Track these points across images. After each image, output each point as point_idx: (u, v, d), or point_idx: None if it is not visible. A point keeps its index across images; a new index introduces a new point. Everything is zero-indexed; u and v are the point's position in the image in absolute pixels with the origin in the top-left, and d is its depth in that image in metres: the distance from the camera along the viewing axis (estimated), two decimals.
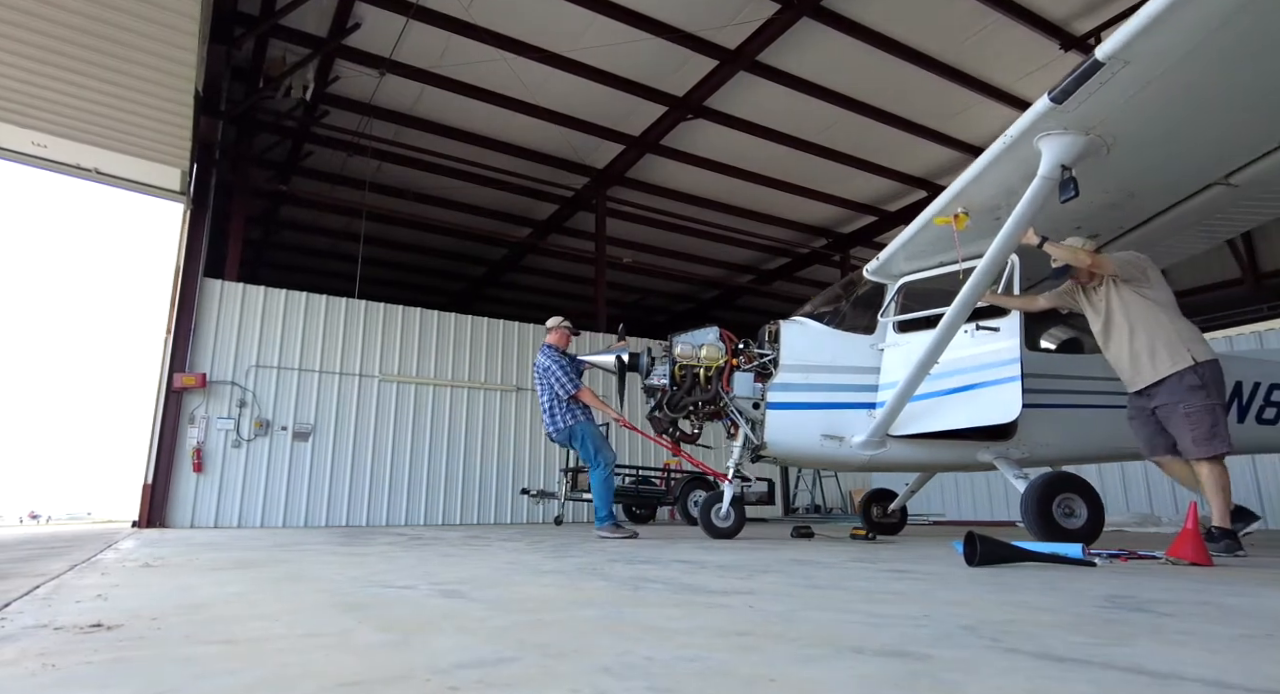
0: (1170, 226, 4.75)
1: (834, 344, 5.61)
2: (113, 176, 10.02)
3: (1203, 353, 4.11)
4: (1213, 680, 1.13)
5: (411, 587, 2.50)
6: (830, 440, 5.28)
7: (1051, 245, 4.25)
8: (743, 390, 5.51)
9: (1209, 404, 4.02)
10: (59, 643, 1.49)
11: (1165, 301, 4.24)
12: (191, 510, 9.91)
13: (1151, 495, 10.55)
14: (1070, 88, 3.34)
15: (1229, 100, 3.46)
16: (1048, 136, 3.69)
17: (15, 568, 3.54)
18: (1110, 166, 3.95)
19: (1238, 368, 5.82)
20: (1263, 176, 4.07)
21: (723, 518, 5.79)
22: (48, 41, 7.24)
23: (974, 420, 4.84)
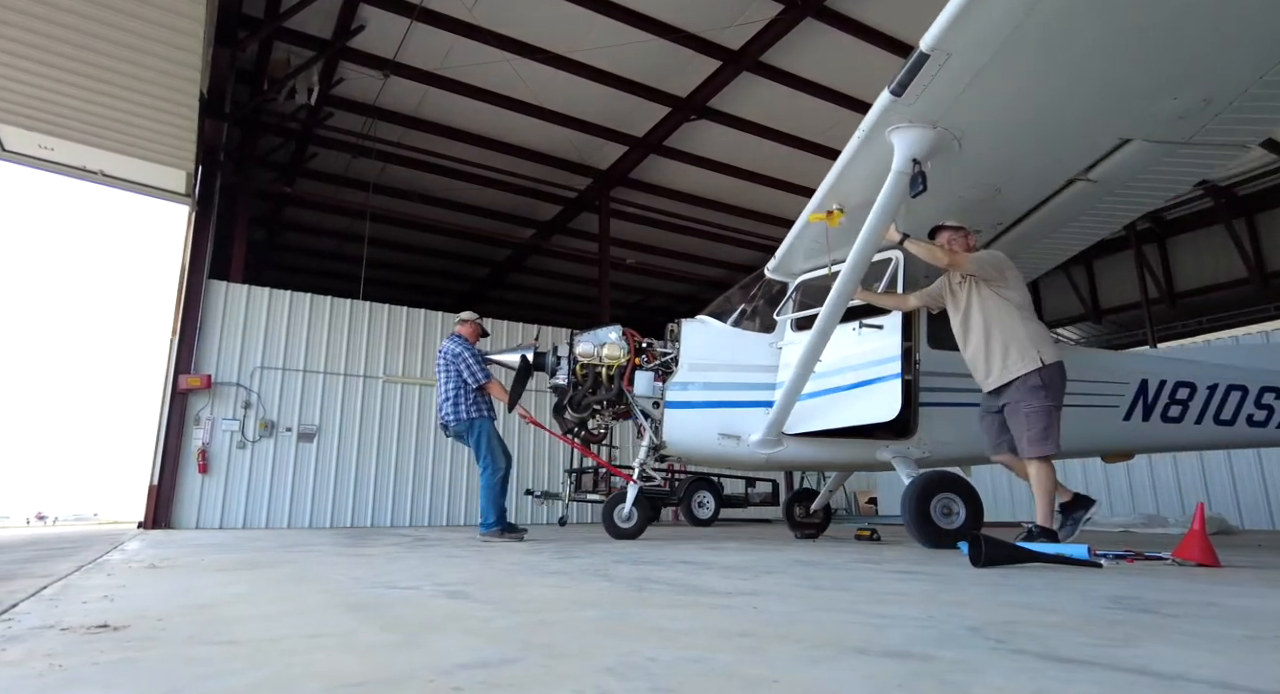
0: (1046, 224, 4.73)
1: (734, 343, 5.58)
2: (118, 179, 10.06)
3: (1050, 355, 4.13)
4: (1219, 682, 1.12)
5: (415, 587, 2.51)
6: (728, 439, 5.24)
7: (912, 243, 4.28)
8: (643, 389, 5.48)
9: (1046, 406, 4.05)
10: (66, 643, 1.49)
11: (1020, 302, 4.24)
12: (197, 511, 9.94)
13: (1158, 496, 10.51)
14: (905, 80, 3.32)
15: (1066, 95, 3.46)
16: (897, 130, 3.68)
17: (22, 569, 3.56)
18: (966, 161, 3.97)
19: (1142, 366, 5.84)
20: (1119, 172, 4.06)
21: (625, 518, 5.72)
22: (54, 45, 7.28)
23: (856, 419, 4.81)
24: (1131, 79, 3.31)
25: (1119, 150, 3.85)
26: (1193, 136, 3.67)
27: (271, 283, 11.68)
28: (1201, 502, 3.95)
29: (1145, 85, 3.35)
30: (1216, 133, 3.65)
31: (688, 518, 11.23)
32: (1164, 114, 3.51)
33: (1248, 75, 3.22)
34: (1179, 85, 3.32)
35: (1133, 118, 3.59)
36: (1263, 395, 5.83)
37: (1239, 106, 3.43)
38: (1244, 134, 3.69)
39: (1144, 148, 3.80)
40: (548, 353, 5.82)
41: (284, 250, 15.98)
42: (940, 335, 5.08)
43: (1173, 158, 3.90)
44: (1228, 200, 13.58)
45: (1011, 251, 4.95)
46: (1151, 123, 3.60)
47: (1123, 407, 5.61)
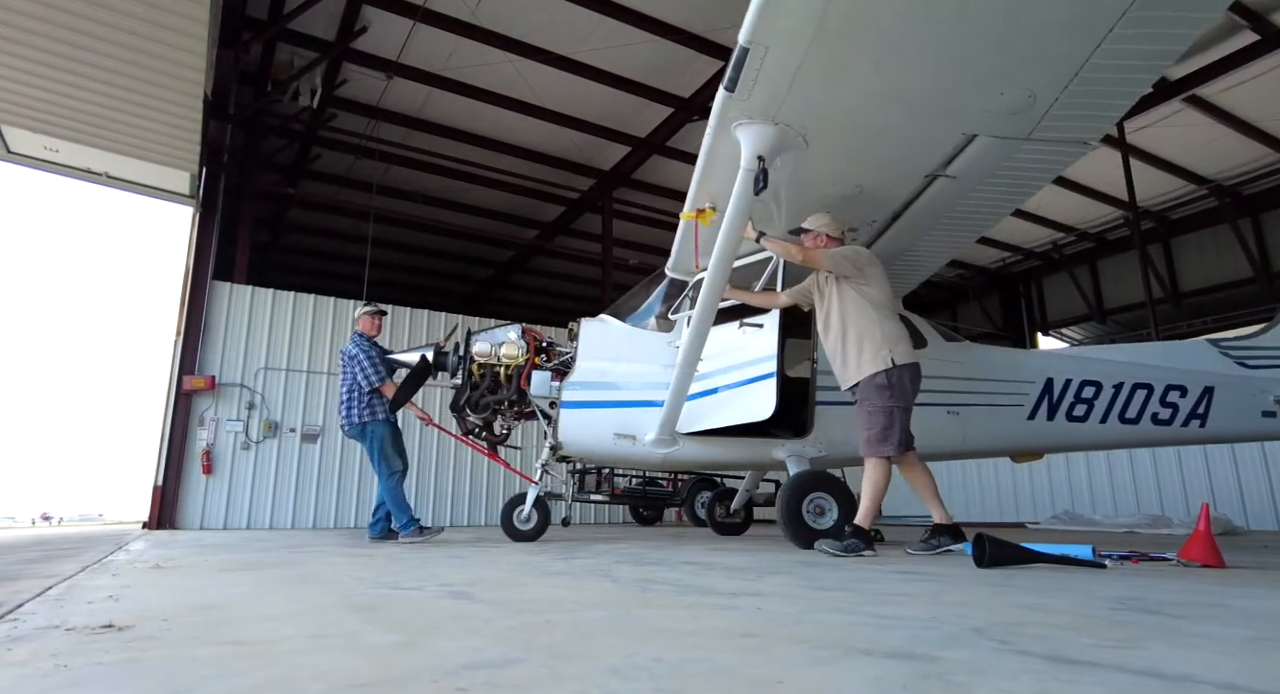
0: (919, 222, 4.70)
1: (632, 342, 5.50)
2: (123, 180, 10.09)
3: (902, 356, 4.09)
4: (1225, 683, 1.11)
5: (419, 588, 2.51)
6: (623, 439, 5.18)
7: (768, 240, 4.25)
8: (539, 389, 5.40)
9: (889, 406, 4.01)
10: (71, 643, 1.50)
11: (879, 300, 4.19)
12: (201, 512, 9.96)
13: (1163, 497, 10.47)
14: (734, 75, 3.30)
15: (897, 91, 3.46)
16: (741, 126, 3.67)
17: (28, 569, 3.57)
18: (817, 158, 3.96)
19: (1048, 364, 5.80)
20: (975, 168, 4.05)
21: (524, 520, 5.64)
22: (58, 48, 7.30)
23: (736, 419, 4.78)
24: (955, 74, 3.33)
25: (969, 147, 3.85)
26: (1032, 133, 3.68)
27: (275, 284, 11.70)
28: (1206, 502, 3.94)
29: (969, 81, 3.37)
30: (1054, 129, 3.66)
31: (690, 518, 11.22)
32: (998, 110, 3.52)
33: (1065, 72, 3.24)
34: (1002, 81, 3.34)
35: (969, 114, 3.59)
36: (1168, 394, 5.81)
37: (1067, 103, 3.45)
38: (1081, 130, 3.70)
39: (990, 144, 3.80)
40: (449, 352, 5.69)
41: (288, 251, 16.01)
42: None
43: (1021, 154, 3.89)
44: (1232, 199, 13.52)
45: (894, 249, 4.97)
46: (988, 119, 3.61)
47: (1027, 406, 5.58)
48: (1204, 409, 5.84)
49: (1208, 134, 11.53)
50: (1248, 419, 5.97)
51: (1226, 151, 12.15)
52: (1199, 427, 5.84)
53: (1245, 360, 6.19)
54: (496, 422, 5.80)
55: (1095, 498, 11.25)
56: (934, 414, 5.31)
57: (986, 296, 18.14)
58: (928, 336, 5.57)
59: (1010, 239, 15.80)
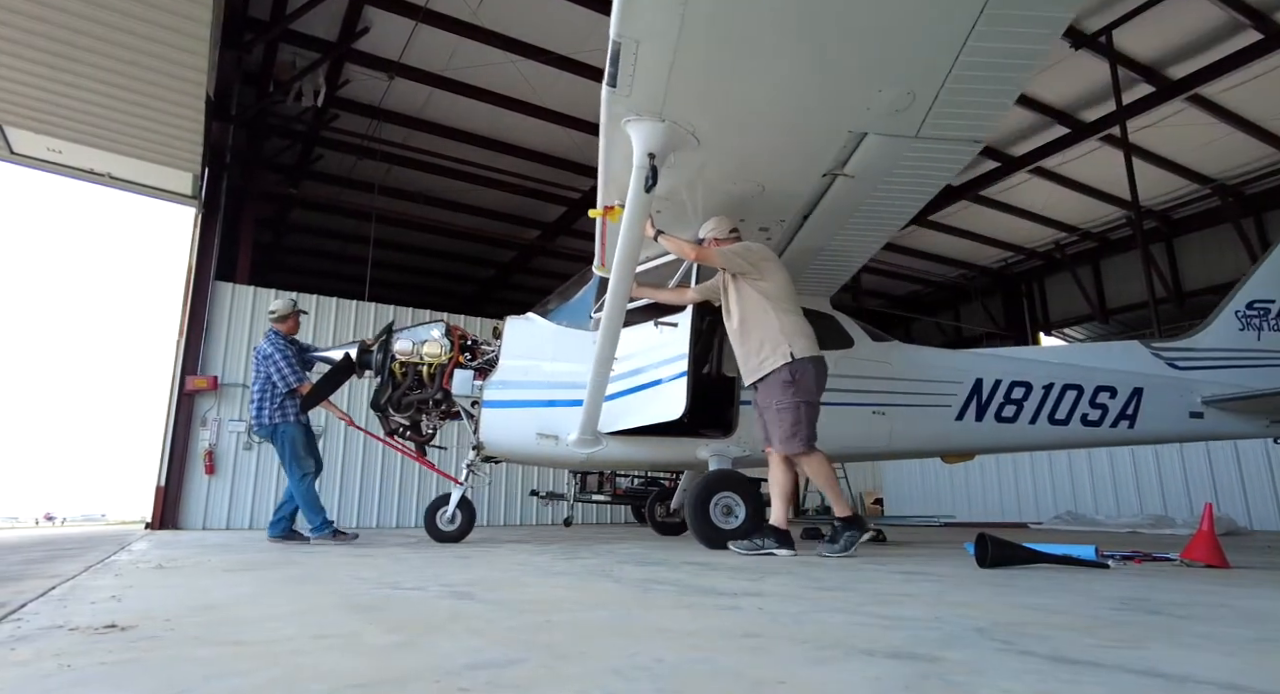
0: (830, 221, 4.67)
1: (556, 341, 5.39)
2: (126, 181, 10.10)
3: (803, 349, 4.05)
4: (1228, 684, 1.11)
5: (421, 588, 2.51)
6: (546, 439, 5.10)
7: (665, 238, 4.22)
8: (461, 388, 5.30)
9: (794, 401, 3.97)
10: (74, 643, 1.50)
11: (777, 294, 4.15)
12: (204, 512, 9.98)
13: (1165, 497, 10.45)
14: (612, 71, 3.27)
15: (776, 88, 3.45)
16: (631, 123, 3.64)
17: (31, 569, 3.58)
18: (711, 156, 3.95)
19: (977, 365, 5.77)
20: (871, 167, 4.03)
21: (448, 521, 5.52)
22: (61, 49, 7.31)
23: (650, 418, 4.72)
24: (830, 72, 3.32)
25: (861, 146, 3.85)
26: (920, 131, 3.67)
27: (277, 284, 11.71)
28: (1210, 502, 3.93)
29: (845, 78, 3.37)
30: (940, 127, 3.65)
31: None
32: (881, 108, 3.52)
33: (938, 69, 3.25)
34: (878, 78, 3.34)
35: (852, 112, 3.58)
36: (1097, 395, 5.80)
37: (948, 101, 3.45)
38: (968, 129, 3.69)
39: (881, 142, 3.79)
40: (373, 351, 5.55)
41: (290, 252, 16.03)
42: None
43: (914, 153, 3.88)
44: (1235, 199, 13.50)
45: (812, 248, 4.94)
46: (873, 117, 3.60)
47: (955, 406, 5.56)
48: (1133, 410, 5.85)
49: (1210, 133, 11.50)
50: (1175, 420, 5.98)
51: (1229, 151, 12.12)
52: (1128, 428, 5.85)
53: (1176, 362, 6.21)
54: (423, 421, 5.65)
55: (1098, 498, 11.24)
56: (860, 414, 5.33)
57: (989, 297, 18.12)
58: (854, 336, 5.55)
59: (1012, 239, 15.78)
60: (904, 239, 15.61)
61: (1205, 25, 9.31)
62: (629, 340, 4.94)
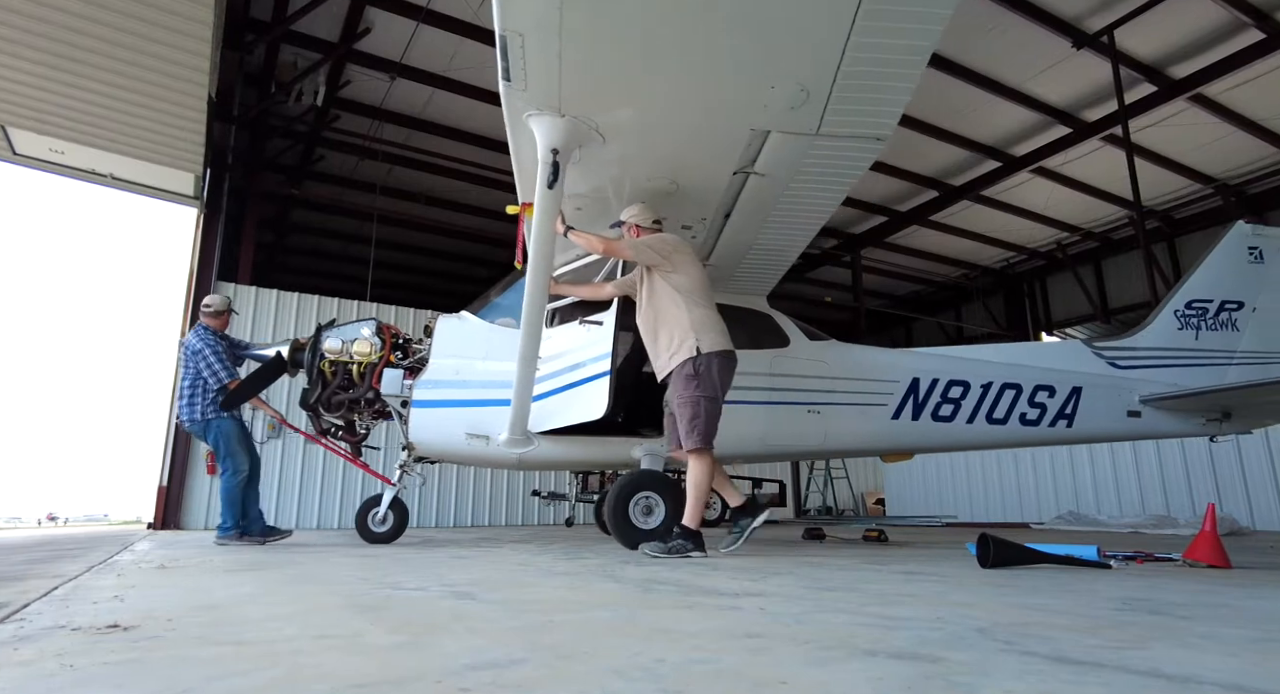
0: (751, 219, 4.63)
1: (488, 339, 5.26)
2: (128, 182, 10.11)
3: (710, 344, 3.96)
4: (1231, 684, 1.11)
5: (423, 588, 2.51)
6: (476, 439, 5.01)
7: (574, 234, 4.18)
8: (391, 388, 5.19)
9: (695, 396, 3.89)
10: (77, 643, 1.50)
11: (689, 287, 4.07)
12: (206, 512, 9.98)
13: (1168, 497, 10.44)
14: (503, 64, 3.23)
15: (671, 84, 3.42)
16: (533, 118, 3.59)
17: (34, 569, 3.58)
18: (619, 152, 3.92)
19: (914, 364, 5.78)
20: (779, 165, 4.00)
21: (379, 522, 5.47)
22: (63, 50, 7.33)
23: (572, 419, 4.65)
24: (718, 68, 3.30)
25: (766, 144, 3.83)
26: (820, 129, 3.66)
27: (279, 284, 11.72)
28: (1212, 502, 3.92)
29: (735, 74, 3.34)
30: (840, 125, 3.64)
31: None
32: (777, 105, 3.50)
33: (827, 65, 3.24)
34: (768, 74, 3.32)
35: (749, 109, 3.56)
36: (1036, 394, 5.80)
37: (844, 98, 3.44)
38: (868, 126, 3.68)
39: (785, 140, 3.77)
40: (306, 349, 5.41)
41: (291, 252, 16.05)
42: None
43: (819, 151, 3.86)
44: (1237, 199, 13.48)
45: (739, 245, 4.91)
46: (770, 114, 3.58)
47: (892, 405, 5.54)
48: (1071, 409, 5.86)
49: (1212, 133, 11.49)
50: (1113, 420, 6.00)
51: (1231, 150, 12.11)
52: (1066, 427, 5.86)
53: (1116, 361, 6.23)
54: (355, 421, 5.55)
55: (1100, 498, 11.22)
56: (795, 413, 5.32)
57: (990, 297, 18.11)
58: (790, 335, 5.54)
59: (1014, 239, 15.77)
60: (906, 239, 15.61)
61: (1207, 25, 9.30)
62: (557, 339, 4.92)
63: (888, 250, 16.10)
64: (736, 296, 5.52)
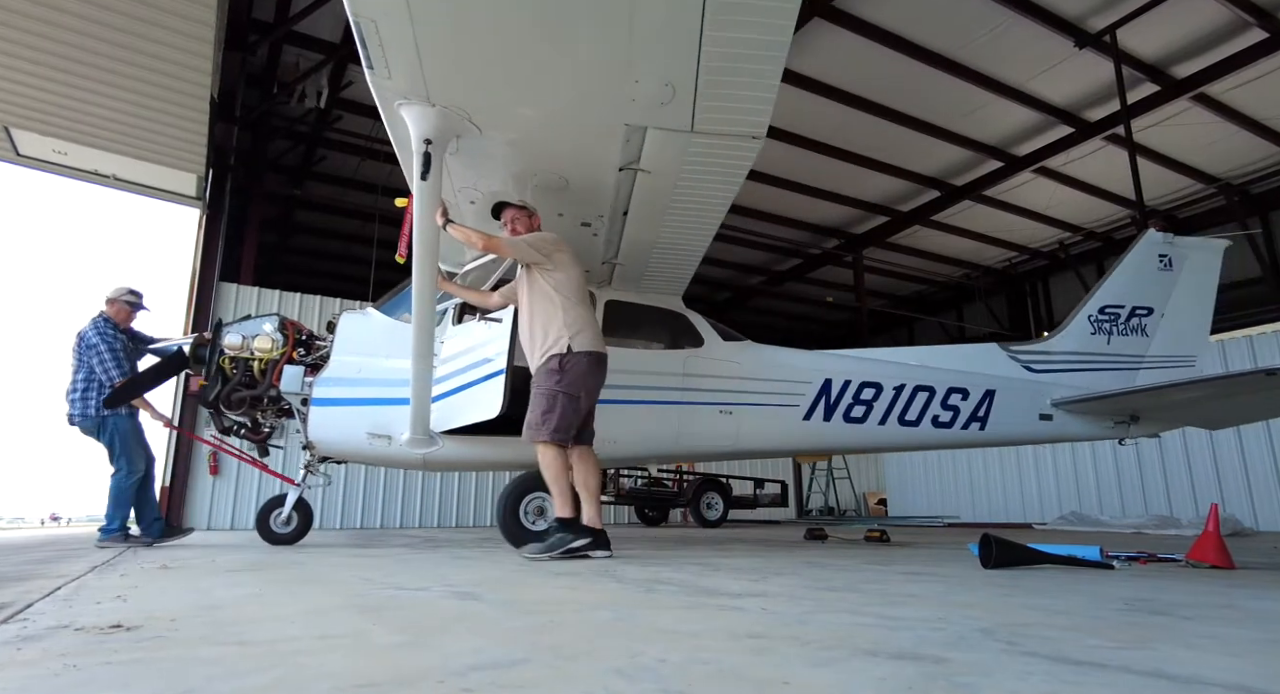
0: (648, 217, 4.56)
1: (393, 336, 5.06)
2: (130, 182, 10.13)
3: (582, 343, 3.93)
4: (1235, 685, 1.11)
5: (425, 588, 2.51)
6: (378, 439, 4.90)
7: (453, 227, 4.06)
8: (291, 385, 5.04)
9: (554, 390, 3.85)
10: (80, 643, 1.51)
11: (567, 286, 4.03)
12: (208, 513, 10.00)
13: (1171, 497, 10.42)
14: (364, 51, 3.14)
15: (529, 76, 3.35)
16: (403, 107, 3.50)
17: (37, 569, 3.59)
18: (501, 146, 3.87)
19: (827, 365, 5.80)
20: (664, 162, 3.96)
21: (283, 523, 5.33)
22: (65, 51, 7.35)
23: (469, 418, 4.56)
24: (581, 61, 3.26)
25: (646, 140, 3.80)
26: (694, 126, 3.64)
27: (282, 285, 11.73)
28: (1215, 503, 3.91)
29: (598, 68, 3.30)
30: (712, 122, 3.62)
31: (696, 519, 11.22)
32: (644, 99, 3.46)
33: (685, 61, 3.21)
34: (630, 68, 3.28)
35: (617, 104, 3.52)
36: (949, 396, 5.85)
37: (711, 95, 3.42)
38: (740, 124, 3.66)
39: (662, 136, 3.72)
40: (206, 345, 5.20)
41: (294, 253, 16.07)
42: (609, 329, 5.00)
43: (699, 149, 3.83)
44: (1241, 198, 13.45)
45: (643, 243, 4.85)
46: (641, 110, 3.54)
47: (804, 406, 5.56)
48: (984, 412, 5.92)
49: (1215, 132, 11.47)
50: (1025, 422, 6.08)
51: (1234, 150, 12.08)
52: (979, 429, 5.93)
53: (1031, 365, 6.33)
54: (259, 419, 5.38)
55: (1103, 498, 11.21)
56: (707, 413, 5.33)
57: (993, 297, 18.09)
58: (705, 335, 5.53)
59: (1016, 239, 15.75)
60: (908, 239, 15.60)
61: (1210, 24, 9.28)
62: (460, 337, 4.86)
63: (889, 250, 16.09)
64: (652, 296, 5.51)
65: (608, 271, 5.26)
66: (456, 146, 3.83)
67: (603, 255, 5.04)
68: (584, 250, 4.76)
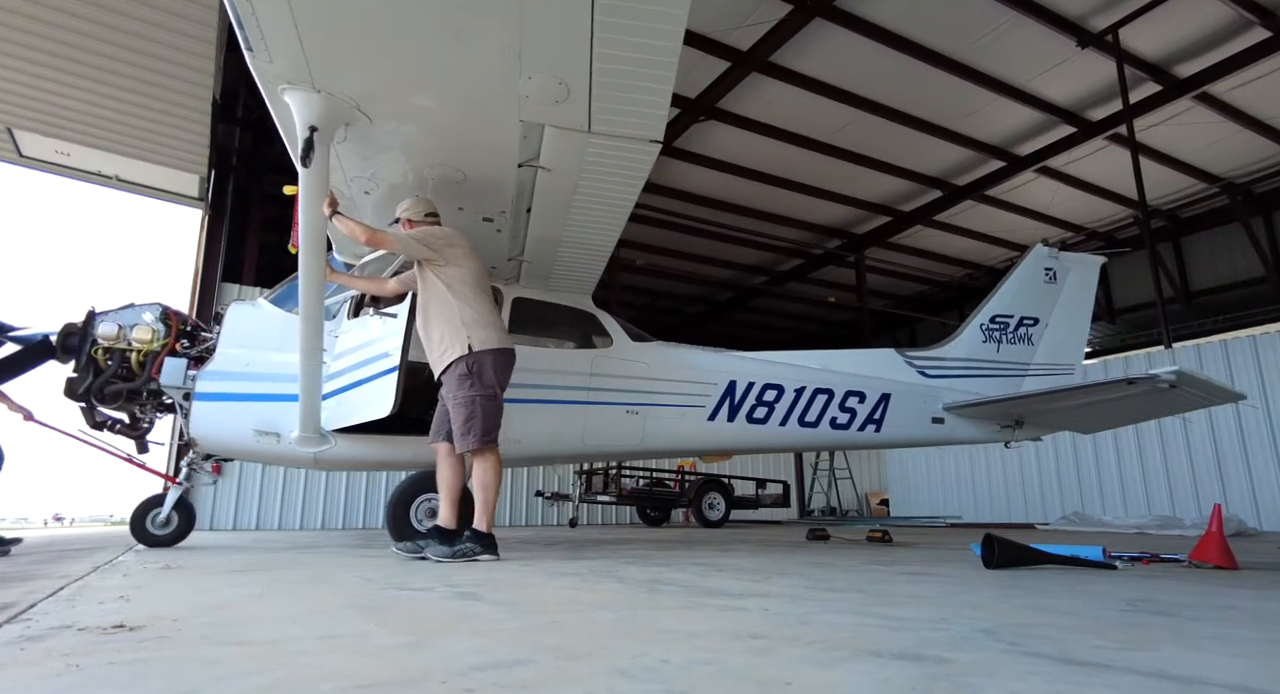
0: (551, 213, 4.50)
1: (285, 329, 4.80)
2: (133, 183, 10.17)
3: (482, 341, 3.85)
4: (1238, 686, 1.11)
5: (428, 589, 2.52)
6: (266, 436, 4.70)
7: (339, 219, 3.93)
8: (172, 378, 4.76)
9: (470, 396, 3.78)
10: (83, 643, 1.51)
11: (462, 282, 3.95)
12: (211, 513, 10.02)
13: (1174, 498, 10.40)
14: (242, 34, 3.03)
15: (417, 66, 3.29)
16: (287, 91, 3.40)
17: (40, 569, 3.60)
18: (394, 136, 3.80)
19: (732, 367, 5.85)
20: (563, 160, 3.92)
21: (160, 524, 5.04)
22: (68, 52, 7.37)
23: (361, 417, 4.39)
24: (467, 52, 3.21)
25: (544, 137, 3.77)
26: (591, 126, 3.62)
27: None
28: (1219, 503, 3.90)
29: (487, 61, 3.25)
30: (610, 124, 3.60)
31: (698, 519, 11.22)
32: (538, 96, 3.43)
33: (578, 60, 3.19)
34: (521, 64, 3.24)
35: (510, 99, 3.47)
36: (847, 399, 6.03)
37: (606, 96, 3.40)
38: (637, 127, 3.64)
39: (560, 135, 3.70)
40: (77, 333, 4.90)
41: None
42: (516, 327, 4.97)
43: (599, 150, 3.80)
44: (1244, 197, 13.43)
45: (548, 240, 4.79)
46: (535, 106, 3.51)
47: (709, 407, 5.62)
48: (880, 415, 6.13)
49: (1218, 131, 11.45)
50: (919, 425, 6.30)
51: (1237, 149, 12.06)
52: (874, 431, 6.12)
53: (926, 370, 6.59)
54: (138, 414, 5.11)
55: (1105, 499, 11.19)
56: (613, 413, 5.34)
57: None
58: (614, 335, 5.53)
59: (1018, 239, 15.73)
60: (910, 239, 15.59)
61: (1213, 23, 9.27)
62: (355, 331, 4.75)
63: (892, 250, 16.08)
64: (561, 295, 5.50)
65: (515, 268, 5.19)
66: (345, 135, 3.73)
67: (508, 251, 4.96)
68: (488, 246, 4.72)
